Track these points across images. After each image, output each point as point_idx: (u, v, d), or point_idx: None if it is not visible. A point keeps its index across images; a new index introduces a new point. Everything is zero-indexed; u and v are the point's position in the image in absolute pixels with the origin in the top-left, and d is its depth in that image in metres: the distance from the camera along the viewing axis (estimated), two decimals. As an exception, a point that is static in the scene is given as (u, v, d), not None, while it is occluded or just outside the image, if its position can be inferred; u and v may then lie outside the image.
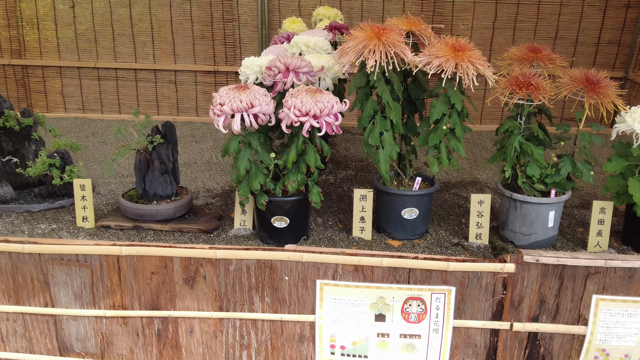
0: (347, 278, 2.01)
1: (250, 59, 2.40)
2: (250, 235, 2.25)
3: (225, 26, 4.68)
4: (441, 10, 4.54)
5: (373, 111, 2.11)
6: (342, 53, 2.06)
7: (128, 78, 4.83)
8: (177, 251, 2.01)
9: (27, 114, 2.57)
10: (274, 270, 2.02)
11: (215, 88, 4.83)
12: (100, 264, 2.05)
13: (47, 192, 2.53)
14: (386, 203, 2.22)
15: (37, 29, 4.81)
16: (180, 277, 2.05)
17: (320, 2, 4.56)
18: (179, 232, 2.26)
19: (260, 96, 2.00)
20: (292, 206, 2.13)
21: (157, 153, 2.30)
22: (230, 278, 2.04)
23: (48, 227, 2.29)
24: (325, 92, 1.99)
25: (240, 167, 2.03)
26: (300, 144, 2.01)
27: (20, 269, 2.09)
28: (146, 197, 2.32)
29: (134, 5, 4.66)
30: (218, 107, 1.99)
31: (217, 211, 2.48)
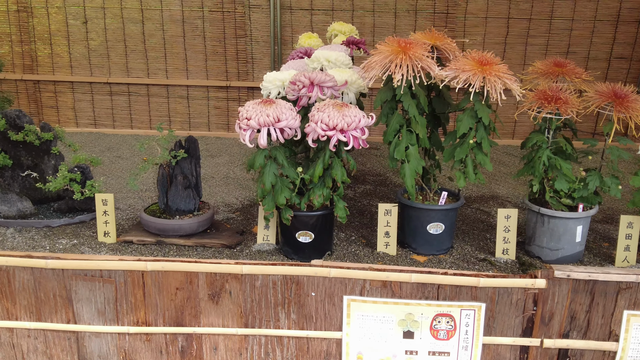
0: (374, 294, 1.98)
1: (273, 74, 2.39)
2: (273, 250, 2.23)
3: (237, 42, 4.70)
4: (453, 26, 4.55)
5: (399, 125, 2.09)
6: (368, 67, 2.06)
7: (140, 93, 4.83)
8: (202, 266, 1.99)
9: (47, 128, 2.57)
10: (300, 286, 1.99)
11: (227, 103, 4.84)
12: (125, 279, 2.03)
13: (67, 207, 2.51)
14: (411, 218, 2.20)
15: (49, 44, 4.83)
16: (205, 293, 2.03)
17: (333, 19, 4.58)
18: (201, 247, 2.24)
19: (287, 110, 1.99)
20: (316, 221, 2.11)
21: (180, 168, 2.28)
22: (256, 294, 2.01)
23: (69, 243, 2.27)
24: (352, 106, 1.98)
25: (266, 181, 2.02)
26: (327, 158, 2.00)
27: (42, 285, 2.06)
28: (168, 212, 2.30)
29: (147, 21, 4.68)
30: (245, 121, 1.98)
31: (238, 226, 2.46)
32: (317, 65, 2.53)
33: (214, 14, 4.64)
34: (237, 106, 4.82)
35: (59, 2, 4.73)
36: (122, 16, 4.70)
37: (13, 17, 4.81)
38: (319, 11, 4.59)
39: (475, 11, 4.52)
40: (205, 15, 4.65)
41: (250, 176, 3.14)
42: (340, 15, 4.58)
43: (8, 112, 2.53)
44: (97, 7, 4.70)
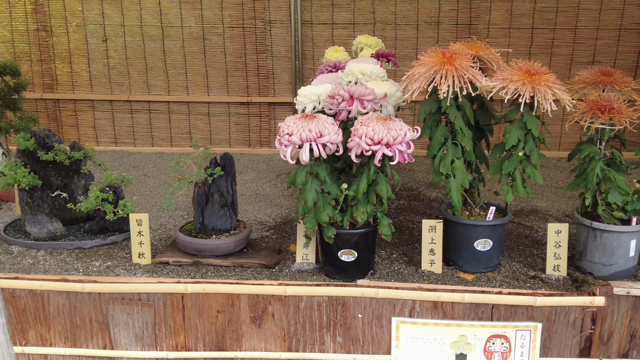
0: (425, 315, 1.90)
1: (308, 88, 2.34)
2: (314, 269, 2.15)
3: (258, 57, 4.66)
4: (476, 37, 4.49)
5: (444, 138, 2.02)
6: (411, 79, 1.99)
7: (161, 111, 4.80)
8: (244, 288, 1.92)
9: (77, 147, 2.52)
10: (346, 307, 1.91)
11: (248, 119, 4.79)
12: (164, 302, 1.95)
13: (98, 227, 2.45)
14: (457, 234, 2.12)
15: (68, 62, 4.81)
16: (247, 316, 1.95)
17: (354, 32, 4.54)
18: (240, 268, 2.16)
19: (329, 125, 1.93)
20: (359, 239, 2.04)
21: (216, 185, 2.22)
22: (300, 316, 1.93)
23: (102, 265, 2.21)
24: (397, 120, 1.92)
25: (308, 198, 1.95)
26: (372, 173, 1.93)
27: (78, 310, 1.99)
28: (204, 231, 2.24)
29: (167, 38, 4.66)
30: (286, 137, 1.91)
31: (274, 244, 2.39)
32: (351, 78, 2.47)
33: (234, 30, 4.61)
34: (258, 122, 4.78)
35: (78, 20, 4.72)
36: (142, 33, 4.68)
37: (32, 36, 4.80)
38: (339, 25, 4.56)
39: (499, 22, 4.47)
40: (225, 31, 4.62)
41: (280, 192, 3.07)
42: (361, 29, 4.54)
43: (37, 131, 2.49)
44: (117, 25, 4.69)
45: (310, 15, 4.53)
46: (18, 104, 3.17)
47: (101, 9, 4.66)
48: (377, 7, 4.47)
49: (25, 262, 2.24)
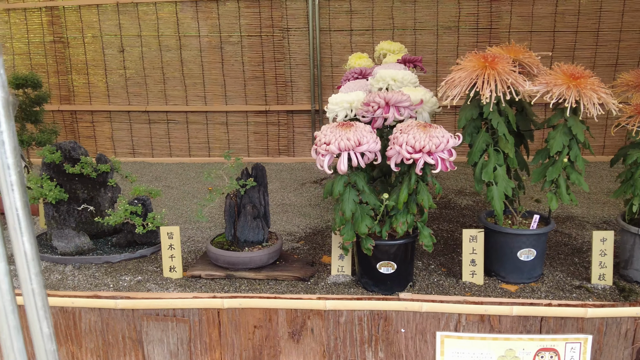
0: (471, 329, 1.83)
1: (339, 96, 2.28)
2: (350, 282, 2.08)
3: (275, 66, 4.62)
4: (496, 41, 4.43)
5: (485, 145, 1.96)
6: (450, 85, 1.93)
7: (179, 121, 4.76)
8: (282, 302, 1.86)
9: (103, 159, 2.47)
10: (388, 321, 1.85)
11: (266, 128, 4.75)
12: (200, 318, 1.90)
13: (126, 240, 2.40)
14: (499, 244, 2.05)
15: (85, 74, 4.79)
16: (286, 331, 1.89)
17: (373, 39, 4.49)
18: (274, 281, 2.10)
19: (367, 133, 1.87)
20: (398, 250, 1.97)
21: (248, 197, 2.16)
22: (340, 331, 1.87)
23: (133, 279, 2.15)
24: (438, 127, 1.86)
25: (346, 209, 1.89)
26: (413, 182, 1.86)
27: (111, 327, 1.94)
28: (236, 244, 2.18)
29: (184, 48, 4.63)
30: (323, 146, 1.86)
31: (306, 256, 2.33)
32: (382, 84, 2.41)
33: (252, 38, 4.58)
34: (277, 130, 4.73)
35: (94, 31, 4.70)
36: (159, 44, 4.65)
37: (49, 48, 4.79)
38: (357, 32, 4.51)
39: (520, 25, 4.41)
40: (242, 40, 4.59)
41: (306, 202, 3.01)
42: (380, 35, 4.49)
43: (62, 144, 2.45)
44: (134, 36, 4.67)
45: (328, 22, 4.49)
46: (39, 117, 3.13)
47: (117, 19, 4.64)
48: (395, 12, 4.43)
49: (53, 278, 2.19)
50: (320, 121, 4.65)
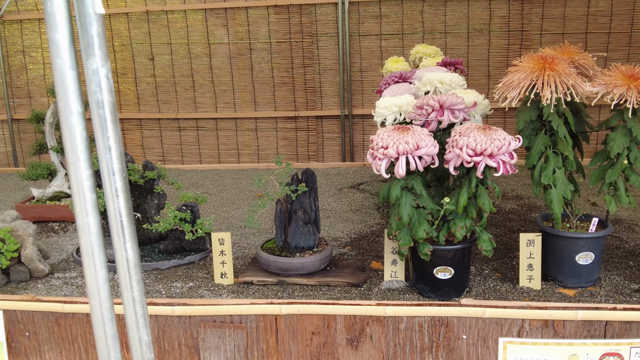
0: (534, 335, 1.79)
1: (387, 99, 2.26)
2: (404, 287, 2.06)
3: (305, 71, 4.62)
4: (528, 44, 4.40)
5: (544, 147, 1.93)
6: (508, 86, 1.91)
7: (208, 128, 4.78)
8: (341, 309, 1.84)
9: (150, 166, 2.47)
10: (450, 328, 1.82)
11: (296, 134, 4.74)
12: (257, 325, 1.88)
13: (174, 247, 2.40)
14: (557, 247, 2.02)
15: (116, 82, 4.82)
16: (344, 338, 1.87)
17: (403, 42, 4.48)
18: (326, 287, 2.09)
19: (425, 137, 1.85)
20: (456, 255, 1.95)
21: (299, 202, 2.15)
22: (400, 338, 1.84)
23: (184, 286, 2.15)
24: (498, 129, 1.83)
25: (404, 214, 1.87)
26: (473, 186, 1.84)
27: (167, 334, 1.93)
28: (287, 249, 2.17)
29: (214, 55, 4.65)
30: (381, 150, 1.84)
31: (354, 261, 2.31)
32: (429, 88, 2.39)
33: (281, 44, 4.58)
34: (306, 136, 4.73)
35: (123, 39, 4.73)
36: (188, 51, 4.67)
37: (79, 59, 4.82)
38: (388, 36, 4.50)
39: (552, 28, 4.37)
40: (272, 46, 4.59)
41: (346, 207, 2.99)
42: (410, 39, 4.48)
43: (110, 151, 2.45)
44: (163, 44, 4.69)
45: (358, 27, 4.48)
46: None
47: (147, 27, 4.67)
48: (425, 16, 4.41)
49: (104, 285, 2.18)
50: (350, 126, 4.64)
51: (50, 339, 2.01)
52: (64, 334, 2.00)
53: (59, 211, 2.88)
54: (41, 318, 2.00)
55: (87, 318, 1.97)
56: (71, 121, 0.82)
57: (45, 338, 2.01)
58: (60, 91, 0.82)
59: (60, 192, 3.00)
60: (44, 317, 2.00)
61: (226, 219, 2.88)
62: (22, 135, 5.06)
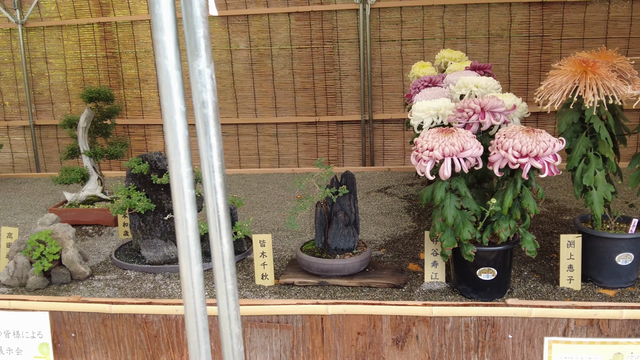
0: (579, 334, 1.81)
1: (425, 103, 2.29)
2: (445, 289, 2.08)
3: (326, 77, 4.66)
4: (548, 49, 4.43)
5: (585, 149, 1.95)
6: (550, 90, 1.94)
7: (229, 133, 4.81)
8: (387, 309, 1.86)
9: (188, 170, 2.50)
10: (496, 328, 1.84)
11: (316, 139, 4.78)
12: (303, 324, 1.90)
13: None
14: (597, 248, 2.04)
15: (138, 88, 4.87)
16: (389, 338, 1.89)
17: (423, 48, 4.51)
18: (367, 288, 2.11)
19: (470, 139, 1.88)
20: (498, 256, 1.97)
21: (339, 204, 2.18)
22: (446, 338, 1.86)
23: (225, 287, 2.17)
24: (542, 131, 1.86)
25: (448, 215, 1.89)
26: (519, 187, 1.86)
27: (214, 334, 1.95)
28: (327, 251, 2.19)
29: (235, 62, 4.69)
30: (426, 152, 1.87)
31: (391, 264, 2.33)
32: (465, 91, 2.42)
33: (302, 50, 4.63)
34: (326, 141, 4.76)
35: (146, 46, 4.78)
36: (210, 57, 4.71)
37: (101, 63, 4.88)
38: (408, 42, 4.53)
39: (572, 33, 4.40)
40: (293, 52, 4.64)
41: (376, 210, 3.02)
42: (430, 44, 4.51)
43: (148, 155, 2.49)
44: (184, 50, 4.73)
45: (379, 33, 4.52)
46: (109, 130, 3.19)
47: (169, 34, 4.71)
48: (446, 22, 4.44)
49: (146, 287, 2.21)
50: (370, 131, 4.67)
51: (96, 340, 2.04)
52: (110, 335, 2.02)
53: (93, 215, 2.92)
54: (87, 319, 2.03)
55: (134, 319, 1.99)
56: (175, 119, 0.85)
57: (91, 339, 2.04)
58: (165, 91, 0.85)
59: (93, 196, 3.04)
60: (90, 318, 2.02)
61: (257, 222, 2.91)
62: (44, 141, 5.11)
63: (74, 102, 4.97)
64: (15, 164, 5.20)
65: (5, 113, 5.08)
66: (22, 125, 5.11)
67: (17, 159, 5.20)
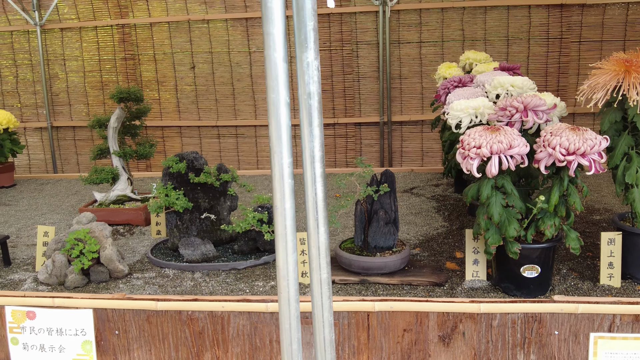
0: (625, 330, 1.83)
1: (463, 102, 2.31)
2: (487, 286, 2.09)
3: (344, 79, 4.68)
4: (567, 51, 4.45)
5: (627, 147, 1.97)
6: (593, 88, 1.95)
7: (247, 135, 4.83)
8: (434, 305, 1.87)
9: (224, 169, 2.52)
10: (542, 324, 1.85)
11: (334, 140, 4.79)
12: (349, 321, 1.92)
13: (248, 248, 2.44)
14: (637, 246, 2.05)
15: (156, 90, 4.89)
16: (436, 335, 1.90)
17: (443, 50, 4.54)
18: (408, 286, 2.12)
19: (517, 137, 1.89)
20: (542, 253, 1.98)
21: (379, 203, 2.19)
22: (493, 334, 1.87)
23: (266, 285, 2.18)
24: (587, 129, 1.87)
25: (494, 213, 1.91)
26: (565, 184, 1.88)
27: (259, 331, 1.97)
28: (367, 249, 2.20)
29: (254, 63, 4.71)
30: (474, 150, 1.88)
31: (428, 262, 2.34)
32: (500, 91, 2.44)
33: (321, 52, 4.64)
34: (345, 142, 4.77)
35: (165, 48, 4.80)
36: (229, 59, 4.74)
37: (120, 65, 4.90)
38: (427, 44, 4.56)
39: (590, 35, 4.42)
40: (312, 54, 4.65)
41: (406, 210, 3.03)
42: (449, 46, 4.54)
43: (185, 154, 2.50)
44: (204, 52, 4.76)
45: (398, 35, 4.54)
46: (138, 130, 3.20)
47: (188, 36, 4.74)
48: (465, 24, 4.47)
49: (186, 285, 2.23)
50: (389, 133, 4.68)
51: (140, 337, 2.05)
52: (155, 332, 2.03)
53: (124, 214, 2.93)
54: (132, 316, 2.04)
55: (179, 315, 2.00)
56: (280, 111, 0.86)
57: (135, 336, 2.05)
58: (272, 82, 0.86)
59: (123, 196, 3.05)
60: (135, 315, 2.03)
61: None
62: (61, 143, 5.12)
63: (91, 103, 4.99)
64: (32, 165, 5.22)
65: (22, 115, 5.10)
66: (39, 127, 5.12)
67: (34, 160, 5.22)
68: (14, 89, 5.05)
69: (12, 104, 5.08)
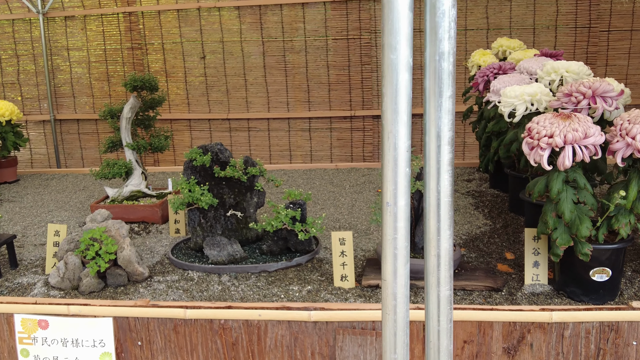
0: None
1: (518, 88, 2.11)
2: (550, 291, 1.89)
3: (362, 69, 4.47)
4: (595, 41, 4.25)
5: None
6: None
7: (260, 128, 4.62)
8: (500, 315, 1.67)
9: (251, 162, 2.31)
10: (619, 334, 1.65)
11: (351, 134, 4.59)
12: (403, 332, 1.71)
13: (278, 248, 2.23)
14: None
15: (165, 81, 4.67)
16: (500, 346, 1.70)
17: (466, 39, 4.33)
18: (462, 291, 1.92)
19: (592, 125, 1.69)
20: (612, 255, 1.78)
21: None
22: (564, 345, 1.67)
23: (302, 289, 1.98)
24: (670, 116, 1.67)
25: (566, 210, 1.70)
26: (645, 179, 1.68)
27: (300, 342, 1.76)
28: (414, 250, 2.00)
29: (267, 53, 4.50)
30: (544, 139, 1.68)
31: (478, 264, 2.14)
32: (554, 77, 2.24)
33: (338, 41, 4.44)
34: (362, 136, 4.57)
35: (174, 38, 4.58)
36: (241, 49, 4.52)
37: (127, 55, 4.68)
38: (449, 33, 4.34)
39: (620, 24, 4.22)
40: (328, 43, 4.45)
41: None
42: (473, 35, 4.33)
43: (209, 146, 2.29)
44: (215, 42, 4.54)
45: (419, 23, 4.33)
46: (152, 121, 2.99)
47: (199, 25, 4.52)
48: (490, 12, 4.26)
49: (213, 289, 2.02)
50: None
51: (166, 349, 1.84)
52: (182, 343, 1.83)
53: (139, 211, 2.72)
54: (157, 325, 1.83)
55: (210, 325, 1.80)
56: (400, 77, 0.66)
57: (160, 347, 1.84)
58: (391, 38, 0.65)
59: (137, 192, 2.84)
60: (160, 324, 1.83)
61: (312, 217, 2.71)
62: (65, 137, 4.90)
63: (96, 95, 4.76)
64: (34, 160, 4.99)
65: (24, 107, 4.87)
66: (41, 120, 4.89)
67: (36, 155, 4.99)
68: (14, 80, 4.82)
69: (13, 97, 4.85)
